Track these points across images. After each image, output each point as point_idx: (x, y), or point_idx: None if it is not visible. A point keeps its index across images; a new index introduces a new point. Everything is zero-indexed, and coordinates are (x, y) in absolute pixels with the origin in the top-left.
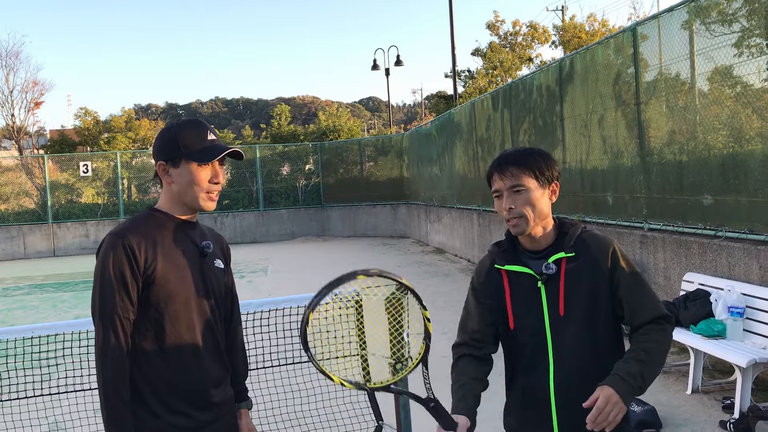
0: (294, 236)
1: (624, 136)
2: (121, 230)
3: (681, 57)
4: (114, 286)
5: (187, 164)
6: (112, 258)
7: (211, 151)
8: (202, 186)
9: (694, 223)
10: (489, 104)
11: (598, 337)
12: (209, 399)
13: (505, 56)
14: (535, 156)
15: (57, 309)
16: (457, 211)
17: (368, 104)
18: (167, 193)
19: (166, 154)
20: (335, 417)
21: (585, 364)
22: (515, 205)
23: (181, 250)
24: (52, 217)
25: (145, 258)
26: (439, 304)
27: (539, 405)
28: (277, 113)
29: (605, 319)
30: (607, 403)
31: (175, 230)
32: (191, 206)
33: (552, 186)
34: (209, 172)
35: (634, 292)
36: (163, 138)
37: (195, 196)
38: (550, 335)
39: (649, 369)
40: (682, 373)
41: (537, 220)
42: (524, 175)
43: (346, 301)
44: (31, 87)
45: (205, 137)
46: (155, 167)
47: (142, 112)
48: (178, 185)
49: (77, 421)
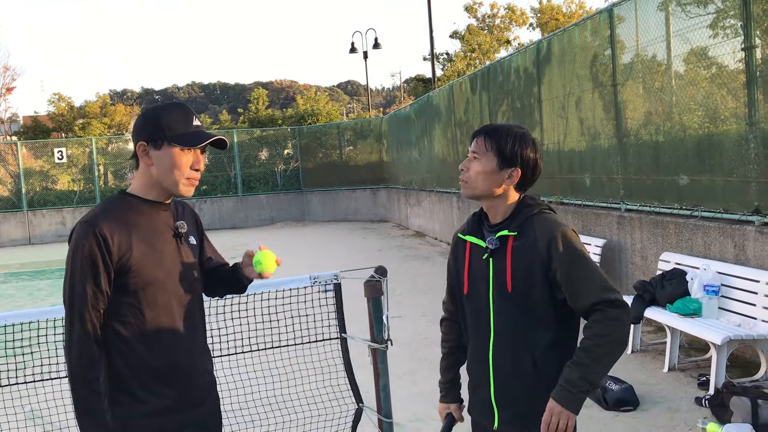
0: (273, 221)
1: (601, 118)
2: (93, 217)
3: (657, 38)
4: (84, 277)
5: (169, 147)
6: (82, 247)
7: (196, 136)
8: (183, 171)
9: (671, 203)
10: (467, 87)
11: (532, 315)
12: (193, 382)
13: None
14: (508, 135)
15: (33, 297)
16: (437, 194)
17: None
18: (144, 175)
19: (148, 134)
20: (315, 400)
21: (518, 338)
22: (467, 168)
23: (156, 235)
24: (26, 205)
25: (119, 246)
26: (419, 287)
27: (481, 369)
28: (254, 97)
29: (541, 297)
30: (551, 416)
31: (149, 214)
32: (169, 191)
33: (511, 170)
34: (191, 158)
35: (571, 278)
36: (146, 118)
37: (175, 181)
38: (493, 306)
39: (590, 369)
40: (659, 351)
41: (480, 191)
42: (486, 147)
43: None
44: (2, 72)
45: (190, 122)
46: (135, 147)
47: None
48: (157, 168)
49: (53, 409)
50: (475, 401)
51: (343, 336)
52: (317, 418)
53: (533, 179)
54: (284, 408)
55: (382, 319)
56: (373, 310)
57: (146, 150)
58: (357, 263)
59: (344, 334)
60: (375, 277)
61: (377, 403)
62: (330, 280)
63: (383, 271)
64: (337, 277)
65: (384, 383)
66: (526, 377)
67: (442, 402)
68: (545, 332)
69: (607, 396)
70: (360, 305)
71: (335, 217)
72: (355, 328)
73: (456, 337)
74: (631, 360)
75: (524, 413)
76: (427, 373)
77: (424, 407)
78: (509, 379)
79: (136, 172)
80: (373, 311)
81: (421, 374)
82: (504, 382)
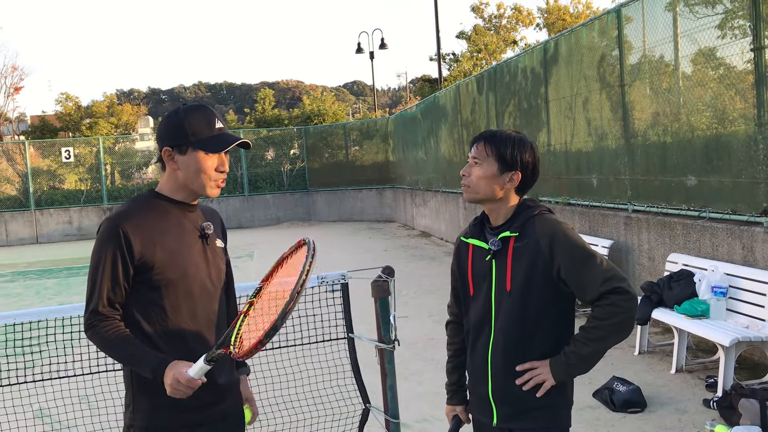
0: (279, 221)
1: (608, 118)
2: (118, 214)
3: (665, 39)
4: (104, 272)
5: (194, 152)
6: (106, 243)
7: (220, 140)
8: (209, 174)
9: (678, 204)
10: (474, 87)
11: (530, 314)
12: (214, 381)
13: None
14: (508, 140)
15: (40, 296)
16: (443, 194)
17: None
18: (171, 178)
19: (173, 140)
20: (322, 400)
21: (516, 337)
22: (468, 174)
23: (182, 234)
24: (34, 204)
25: (142, 243)
26: (425, 287)
27: (480, 367)
28: (261, 97)
29: (540, 298)
30: (535, 368)
31: (176, 214)
32: (197, 193)
33: (511, 174)
34: (216, 161)
35: (577, 273)
36: (169, 123)
37: (202, 184)
38: (494, 306)
39: (583, 346)
40: (666, 352)
41: (482, 194)
42: (486, 152)
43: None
44: (10, 72)
45: (213, 125)
46: (160, 152)
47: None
48: (183, 173)
49: (61, 407)
50: (475, 399)
51: (350, 336)
52: (324, 418)
53: (532, 182)
54: (291, 408)
55: (389, 319)
56: (381, 310)
57: (171, 155)
58: (363, 263)
59: (351, 334)
60: (382, 277)
61: (384, 403)
62: (337, 280)
63: (390, 271)
64: (344, 277)
65: (391, 383)
66: (522, 374)
67: (449, 404)
68: (543, 331)
69: (615, 397)
70: (365, 305)
71: (341, 217)
72: (362, 328)
73: (461, 339)
74: (638, 361)
75: (522, 410)
76: (434, 374)
77: (430, 407)
78: (506, 376)
79: (163, 173)
80: (381, 311)
81: (428, 374)
82: (502, 379)
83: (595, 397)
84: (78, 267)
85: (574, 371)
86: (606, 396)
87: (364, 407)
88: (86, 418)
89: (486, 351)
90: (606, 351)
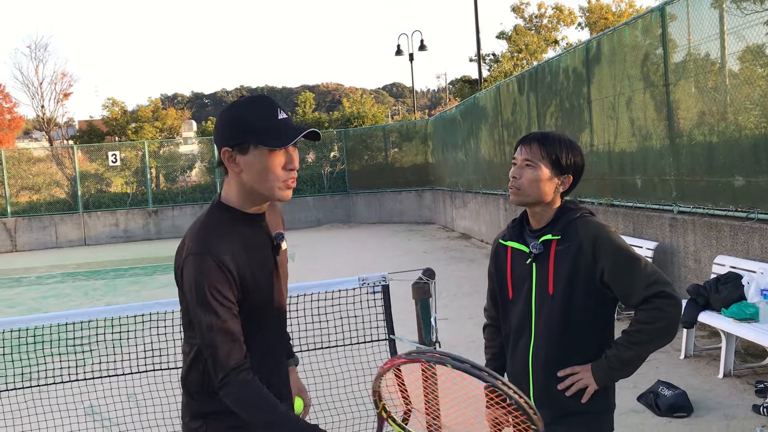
0: (320, 223)
1: (652, 118)
2: (205, 245)
3: (711, 37)
4: (222, 314)
5: (257, 150)
6: (208, 283)
7: (285, 132)
8: (277, 174)
9: (725, 205)
10: (515, 88)
11: (572, 319)
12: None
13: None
14: (561, 143)
15: (89, 297)
16: (483, 196)
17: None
18: (236, 183)
19: (232, 138)
20: (363, 401)
21: (556, 340)
22: (519, 176)
23: (261, 251)
24: (82, 207)
25: (237, 269)
26: (465, 290)
27: (521, 370)
28: (301, 101)
29: (582, 302)
30: (577, 372)
31: (251, 228)
32: (266, 197)
33: (563, 177)
34: (283, 158)
35: (621, 277)
36: (226, 119)
37: (270, 186)
38: (534, 310)
39: (626, 350)
40: (713, 357)
41: (533, 198)
42: (540, 155)
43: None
44: (59, 78)
45: (275, 116)
46: (219, 154)
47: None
48: (248, 174)
49: (111, 405)
50: None
51: (391, 337)
52: (365, 419)
53: (576, 184)
54: (333, 408)
55: (430, 321)
56: (421, 311)
57: (232, 156)
58: (402, 265)
59: (392, 335)
60: (423, 279)
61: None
62: (378, 282)
63: (431, 273)
64: (385, 278)
65: None
66: (564, 379)
67: (488, 408)
68: (585, 335)
69: (660, 401)
70: (405, 307)
71: (381, 218)
72: (403, 330)
73: (499, 343)
74: (684, 365)
75: (563, 414)
76: None
77: None
78: (547, 379)
79: (226, 179)
80: (421, 313)
81: None
82: (543, 383)
83: (640, 401)
84: (124, 269)
85: (616, 375)
86: (651, 400)
87: (406, 409)
88: (134, 416)
89: (527, 355)
90: (648, 355)
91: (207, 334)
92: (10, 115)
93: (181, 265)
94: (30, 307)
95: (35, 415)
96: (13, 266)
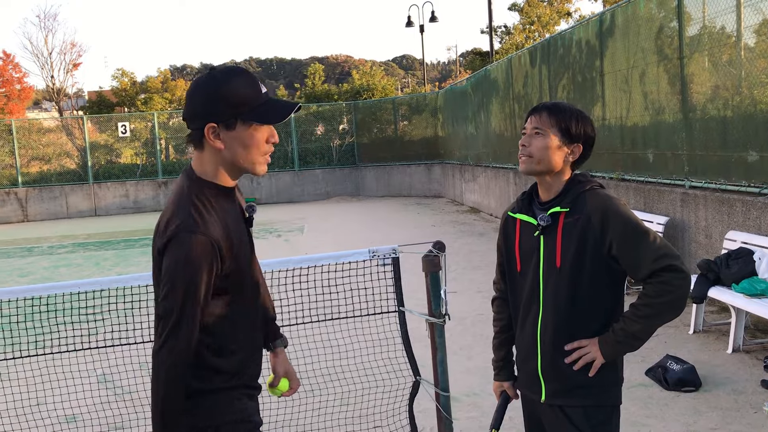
0: (329, 196)
1: (666, 92)
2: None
3: (726, 9)
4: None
5: (244, 126)
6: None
7: (275, 108)
8: (262, 149)
9: (738, 180)
10: (526, 60)
11: (580, 291)
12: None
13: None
14: (570, 112)
15: (100, 267)
16: (493, 170)
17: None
18: (214, 158)
19: (219, 114)
20: (373, 372)
21: (564, 313)
22: (529, 144)
23: (238, 226)
24: (92, 177)
25: (224, 247)
26: (474, 263)
27: (530, 343)
28: (311, 72)
29: (591, 275)
30: (584, 345)
31: (228, 203)
32: (246, 171)
33: (573, 146)
34: (266, 132)
35: (629, 250)
36: (210, 94)
37: (254, 160)
38: (542, 283)
39: (633, 323)
40: (723, 332)
41: (543, 167)
42: (550, 123)
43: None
44: (69, 48)
45: (260, 91)
46: (199, 129)
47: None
48: (231, 150)
49: (123, 373)
50: (523, 375)
51: (401, 309)
52: (375, 389)
53: (587, 157)
54: (342, 379)
55: (440, 293)
56: (431, 284)
57: (216, 131)
58: (412, 238)
59: (402, 307)
60: (433, 251)
61: (434, 377)
62: (388, 254)
63: (441, 246)
64: (395, 251)
65: (441, 357)
66: (571, 353)
67: (497, 380)
68: (593, 308)
69: (668, 376)
70: (415, 279)
71: (389, 192)
72: (412, 302)
73: (508, 315)
74: (692, 340)
75: (571, 387)
76: (483, 349)
77: (480, 382)
78: (555, 352)
79: (197, 153)
80: (431, 286)
81: (477, 349)
82: (551, 356)
83: (648, 375)
84: (135, 239)
85: (623, 349)
86: (659, 374)
87: (414, 380)
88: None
89: (535, 328)
90: (656, 329)
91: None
92: (20, 86)
93: (168, 240)
94: (42, 276)
95: (49, 382)
96: (25, 236)
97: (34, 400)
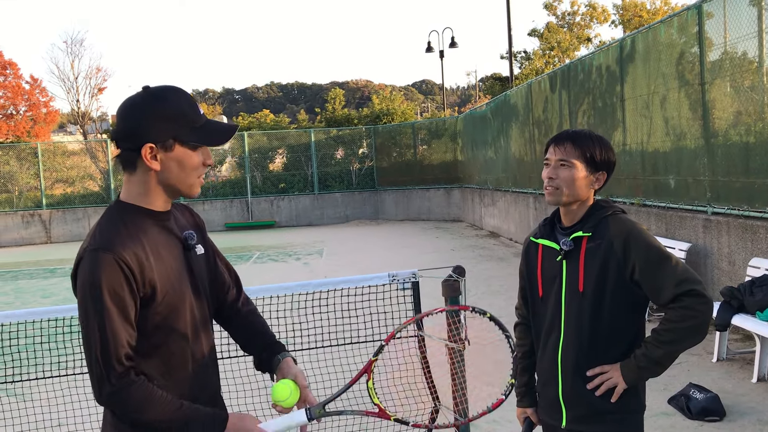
0: (348, 219)
1: (687, 117)
2: (106, 242)
3: (748, 35)
4: (115, 318)
5: (182, 147)
6: (106, 281)
7: (215, 129)
8: (198, 171)
9: (762, 206)
10: (546, 85)
11: (602, 316)
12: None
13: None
14: (593, 140)
15: None
16: (513, 194)
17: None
18: (146, 180)
19: (158, 135)
20: (392, 397)
21: (586, 338)
22: (556, 176)
23: (168, 252)
24: None
25: (141, 271)
26: (494, 288)
27: (550, 368)
28: (331, 97)
29: (613, 299)
30: (606, 371)
31: (158, 228)
32: (182, 193)
33: (598, 174)
34: (203, 154)
35: (651, 275)
36: (148, 115)
37: (191, 182)
38: (564, 308)
39: (655, 348)
40: (747, 361)
41: (570, 197)
42: (575, 154)
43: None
44: (94, 73)
45: (198, 111)
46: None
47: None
48: (167, 172)
49: None
50: (543, 400)
51: (420, 334)
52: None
53: (608, 181)
54: (362, 404)
55: (460, 318)
56: None
57: (154, 153)
58: (431, 263)
59: (421, 332)
60: (453, 276)
61: (453, 403)
62: (408, 279)
63: (461, 270)
64: (415, 275)
65: (460, 383)
66: (593, 378)
67: (520, 406)
68: (614, 333)
69: (691, 405)
70: (434, 304)
71: (408, 216)
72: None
73: (531, 341)
74: (716, 368)
75: (592, 413)
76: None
77: (500, 408)
78: (576, 378)
79: (127, 176)
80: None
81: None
82: (571, 381)
83: (671, 404)
84: None
85: (645, 374)
86: (682, 403)
87: (433, 405)
88: None
89: (556, 353)
90: (678, 355)
91: (93, 335)
92: (46, 109)
93: (77, 263)
94: (65, 297)
95: (71, 403)
96: (48, 257)
97: (56, 420)
